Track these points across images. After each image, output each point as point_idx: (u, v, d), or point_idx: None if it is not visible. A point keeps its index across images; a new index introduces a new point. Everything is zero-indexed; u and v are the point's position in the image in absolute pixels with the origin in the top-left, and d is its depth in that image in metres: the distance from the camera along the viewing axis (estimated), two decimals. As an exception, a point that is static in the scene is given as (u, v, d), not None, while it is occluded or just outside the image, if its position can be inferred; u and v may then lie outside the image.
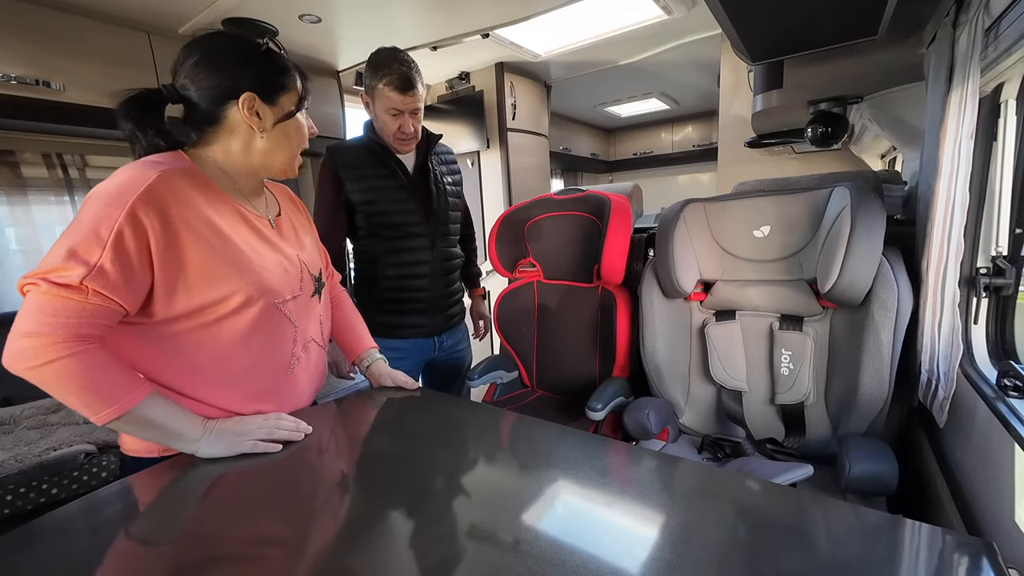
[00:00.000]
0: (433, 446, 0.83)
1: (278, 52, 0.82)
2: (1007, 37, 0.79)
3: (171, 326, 0.75)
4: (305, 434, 0.83)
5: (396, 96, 1.30)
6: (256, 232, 0.84)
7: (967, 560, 0.51)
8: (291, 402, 0.91)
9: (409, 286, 1.44)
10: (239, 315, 0.79)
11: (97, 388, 0.67)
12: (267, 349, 0.84)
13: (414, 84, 1.31)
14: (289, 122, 0.82)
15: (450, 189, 1.50)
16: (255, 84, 0.78)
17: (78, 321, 0.65)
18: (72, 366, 0.65)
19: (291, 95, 0.82)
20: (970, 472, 0.88)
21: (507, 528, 0.59)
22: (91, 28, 1.65)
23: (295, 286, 0.87)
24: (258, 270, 0.80)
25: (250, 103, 0.78)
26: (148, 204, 0.68)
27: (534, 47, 2.49)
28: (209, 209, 0.76)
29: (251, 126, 0.79)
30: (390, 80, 1.29)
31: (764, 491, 0.67)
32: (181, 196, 0.73)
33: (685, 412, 1.41)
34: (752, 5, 0.96)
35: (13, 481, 1.29)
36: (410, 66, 1.31)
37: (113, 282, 0.66)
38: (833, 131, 1.51)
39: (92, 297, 0.66)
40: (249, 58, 0.79)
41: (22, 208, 1.88)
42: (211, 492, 0.73)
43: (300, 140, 0.86)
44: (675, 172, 5.37)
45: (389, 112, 1.33)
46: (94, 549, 0.60)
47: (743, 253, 1.29)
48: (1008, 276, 0.94)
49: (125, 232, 0.67)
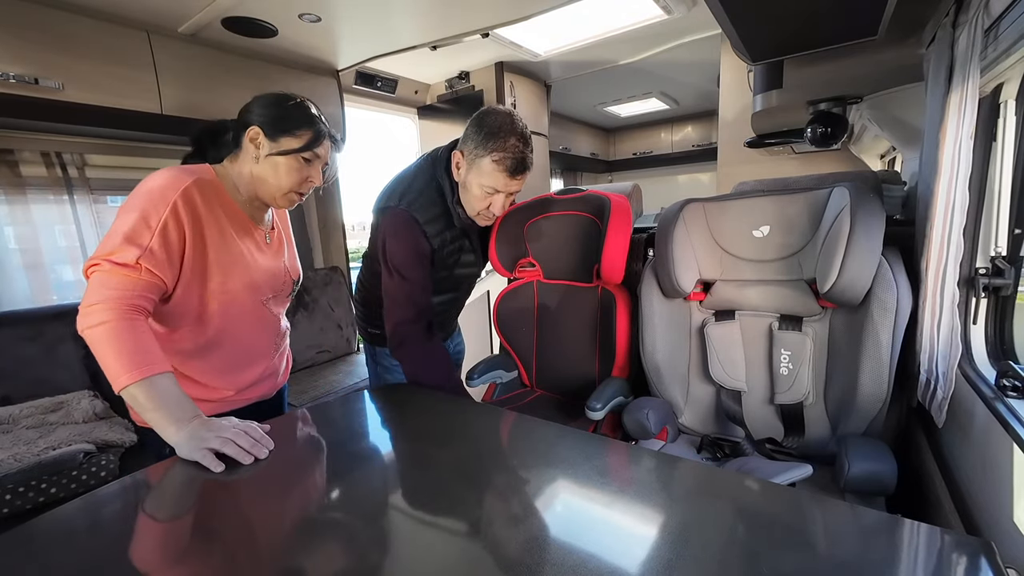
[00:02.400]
0: (432, 446, 0.83)
1: (303, 107, 1.00)
2: (1007, 37, 0.79)
3: (184, 306, 0.93)
4: (269, 451, 0.82)
5: (503, 178, 1.13)
6: (255, 241, 1.04)
7: (965, 560, 0.52)
8: (275, 376, 1.14)
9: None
10: (234, 305, 0.99)
11: (124, 354, 0.79)
12: (260, 334, 1.06)
13: (527, 167, 1.14)
14: (281, 159, 0.97)
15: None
16: (265, 121, 0.97)
17: (132, 293, 0.82)
18: (116, 330, 0.79)
19: (293, 141, 0.98)
20: (969, 472, 0.88)
21: (506, 528, 0.59)
22: (90, 27, 1.65)
23: (278, 287, 1.10)
24: (252, 271, 1.01)
25: (254, 134, 0.96)
26: (186, 203, 0.88)
27: (534, 47, 2.49)
28: (223, 215, 0.96)
29: (251, 153, 0.97)
30: (503, 159, 1.10)
31: (763, 491, 0.67)
32: (207, 200, 0.92)
33: (684, 412, 1.41)
34: (752, 5, 0.96)
35: (12, 480, 1.29)
36: (527, 144, 1.13)
37: (160, 261, 0.85)
38: (833, 131, 1.51)
39: (144, 274, 0.83)
40: (276, 105, 0.98)
41: (21, 207, 1.88)
42: (211, 491, 0.72)
43: (290, 180, 1.00)
44: (675, 172, 5.37)
45: (485, 189, 1.15)
46: (93, 548, 0.60)
47: (742, 253, 1.29)
48: (1007, 276, 0.94)
49: (169, 223, 0.85)
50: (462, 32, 2.14)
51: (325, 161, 1.05)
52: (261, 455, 0.79)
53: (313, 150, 1.00)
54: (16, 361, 1.68)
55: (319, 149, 1.01)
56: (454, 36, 2.16)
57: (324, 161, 1.05)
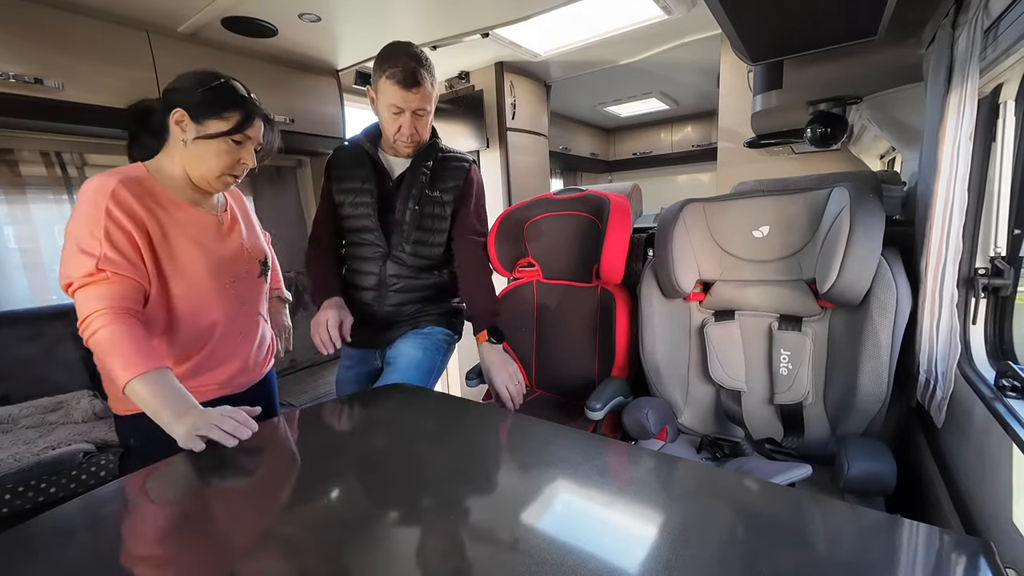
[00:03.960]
0: (432, 445, 0.83)
1: (230, 87, 0.99)
2: (1006, 38, 0.79)
3: (156, 305, 0.95)
4: (251, 432, 0.85)
5: (398, 92, 1.19)
6: (202, 226, 1.03)
7: (965, 559, 0.52)
8: (247, 363, 1.11)
9: (355, 297, 1.38)
10: (195, 293, 0.99)
11: (121, 354, 0.83)
12: (226, 319, 1.05)
13: (419, 81, 1.19)
14: (209, 142, 0.96)
15: (436, 211, 1.34)
16: (189, 102, 0.94)
17: (110, 298, 0.85)
18: (109, 335, 0.84)
19: (220, 123, 0.96)
20: (968, 472, 0.88)
21: (506, 527, 0.59)
22: (90, 26, 1.65)
23: (240, 269, 1.09)
24: (209, 256, 1.01)
25: (179, 116, 0.95)
26: (118, 204, 0.88)
27: (534, 47, 2.49)
28: (159, 208, 0.95)
29: (179, 136, 0.96)
30: (394, 74, 1.17)
31: (763, 491, 0.67)
32: (138, 196, 0.92)
33: (684, 412, 1.41)
34: (752, 5, 0.96)
35: (12, 480, 1.29)
36: (420, 61, 1.20)
37: (120, 264, 0.86)
38: (832, 131, 1.51)
39: (112, 278, 0.86)
40: (200, 85, 0.96)
41: (20, 206, 1.87)
42: (210, 491, 0.72)
43: (220, 163, 0.98)
44: (674, 172, 5.36)
45: (390, 109, 1.22)
46: (92, 548, 0.60)
47: (742, 253, 1.29)
48: (1006, 276, 0.94)
49: (110, 228, 0.86)
50: (462, 32, 2.13)
51: (259, 141, 1.03)
52: (243, 436, 0.82)
53: (243, 132, 0.98)
54: (16, 361, 1.68)
55: (249, 131, 0.99)
56: (454, 36, 2.16)
57: (257, 142, 1.03)
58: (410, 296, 1.38)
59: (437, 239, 1.37)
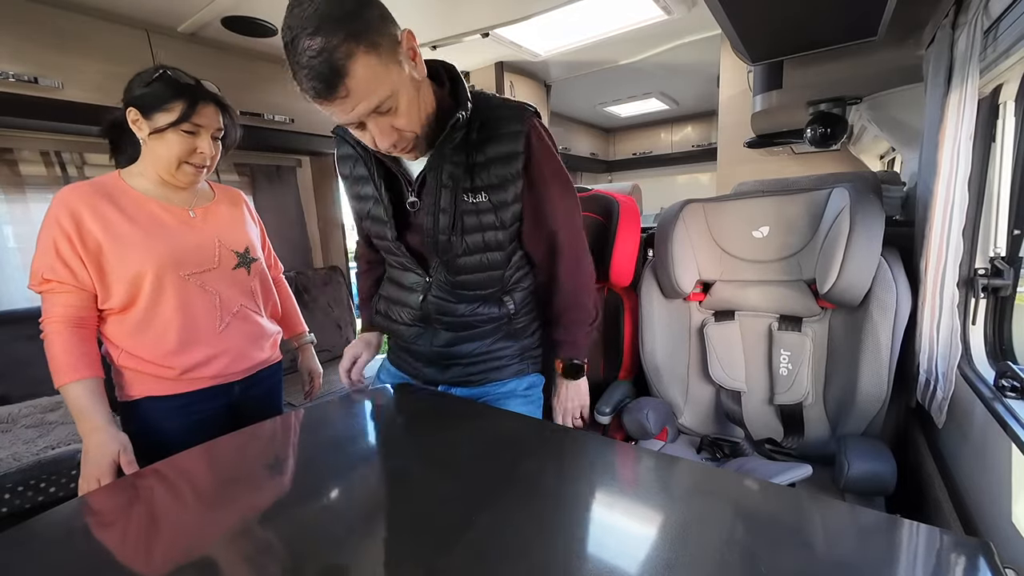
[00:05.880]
0: (431, 445, 0.83)
1: (168, 78, 0.98)
2: (1006, 39, 0.79)
3: (123, 311, 1.00)
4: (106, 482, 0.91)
5: (317, 104, 0.84)
6: (164, 220, 1.04)
7: (964, 560, 0.52)
8: (230, 355, 1.11)
9: (395, 332, 1.09)
10: (152, 283, 0.99)
11: (54, 361, 0.93)
12: (192, 311, 1.04)
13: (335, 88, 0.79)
14: (163, 135, 0.98)
15: (484, 219, 0.91)
16: (137, 100, 0.97)
17: (57, 306, 0.94)
18: (51, 341, 0.94)
19: (166, 115, 0.96)
20: (968, 472, 0.88)
21: (505, 528, 0.59)
22: (90, 26, 1.65)
23: (206, 261, 1.07)
24: (172, 248, 1.01)
25: (133, 115, 0.97)
26: (68, 215, 0.94)
27: (534, 47, 2.49)
28: (113, 209, 0.98)
29: (139, 134, 0.99)
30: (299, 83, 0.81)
31: (762, 491, 0.67)
32: (88, 201, 0.96)
33: (684, 412, 1.41)
34: (752, 5, 0.96)
35: (11, 480, 1.29)
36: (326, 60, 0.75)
37: (63, 274, 0.93)
38: (832, 132, 1.52)
39: (57, 287, 0.94)
40: (142, 81, 0.98)
41: (20, 206, 1.87)
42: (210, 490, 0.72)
43: (173, 154, 0.99)
44: (674, 172, 5.37)
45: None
46: (92, 548, 0.60)
47: (742, 254, 1.29)
48: (1006, 277, 0.94)
49: (58, 239, 0.93)
50: (462, 32, 2.13)
51: (216, 128, 1.02)
52: (94, 487, 0.90)
53: (191, 120, 0.98)
54: (15, 360, 1.68)
55: (199, 119, 0.99)
56: (454, 36, 2.16)
57: (213, 129, 1.02)
58: (464, 335, 1.02)
59: (491, 258, 0.95)
